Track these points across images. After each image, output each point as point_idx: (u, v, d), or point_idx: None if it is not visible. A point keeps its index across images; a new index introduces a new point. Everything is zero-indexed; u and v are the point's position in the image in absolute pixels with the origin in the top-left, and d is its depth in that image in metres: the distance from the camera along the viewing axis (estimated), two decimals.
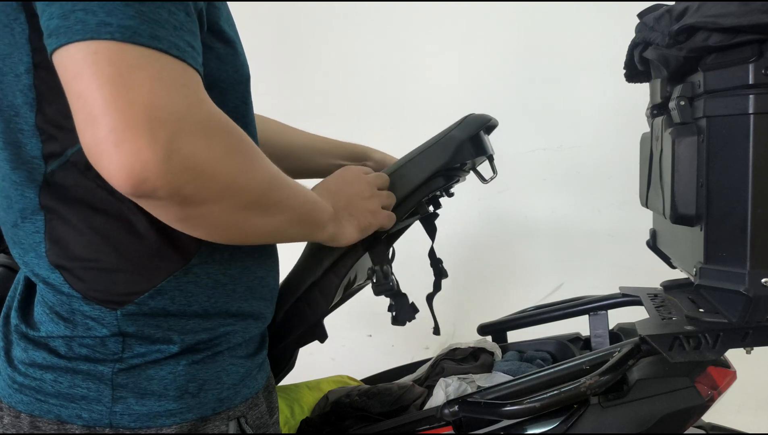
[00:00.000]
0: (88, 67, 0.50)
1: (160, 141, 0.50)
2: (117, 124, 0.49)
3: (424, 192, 0.89)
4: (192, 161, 0.53)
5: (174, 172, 0.52)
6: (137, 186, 0.51)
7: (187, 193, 0.54)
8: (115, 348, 0.66)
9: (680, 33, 0.79)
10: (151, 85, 0.51)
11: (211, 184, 0.55)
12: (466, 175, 1.00)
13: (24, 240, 0.67)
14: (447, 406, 0.90)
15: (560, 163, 2.02)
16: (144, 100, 0.50)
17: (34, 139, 0.64)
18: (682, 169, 0.80)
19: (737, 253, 0.76)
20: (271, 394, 0.80)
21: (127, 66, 0.51)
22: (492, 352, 1.20)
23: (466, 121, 0.92)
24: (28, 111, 0.63)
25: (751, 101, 0.74)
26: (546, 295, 1.99)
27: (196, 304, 0.69)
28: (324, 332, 0.97)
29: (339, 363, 2.21)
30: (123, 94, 0.50)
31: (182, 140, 0.52)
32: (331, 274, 0.86)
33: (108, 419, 0.66)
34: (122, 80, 0.50)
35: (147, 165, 0.50)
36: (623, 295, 1.16)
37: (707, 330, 0.83)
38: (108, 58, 0.50)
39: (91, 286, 0.65)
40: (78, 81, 0.51)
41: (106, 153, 0.50)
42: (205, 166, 0.54)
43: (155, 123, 0.50)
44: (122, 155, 0.50)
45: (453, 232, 2.08)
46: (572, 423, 0.85)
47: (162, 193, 0.53)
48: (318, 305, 0.87)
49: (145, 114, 0.50)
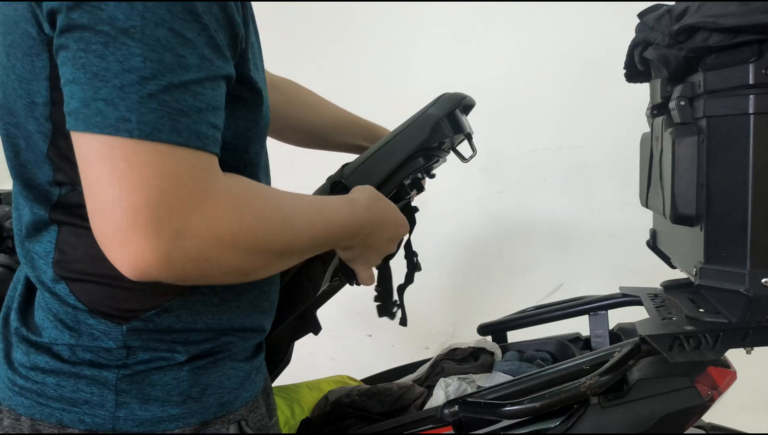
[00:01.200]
0: (102, 160, 0.52)
1: (164, 240, 0.52)
2: (122, 223, 0.52)
3: (405, 173, 0.89)
4: (196, 253, 0.55)
5: (177, 266, 0.54)
6: (142, 278, 0.54)
7: (193, 278, 0.57)
8: (119, 354, 0.66)
9: (680, 33, 0.79)
10: (161, 183, 0.52)
11: (218, 267, 0.57)
12: (446, 156, 1.00)
13: (34, 249, 0.67)
14: (447, 406, 0.90)
15: (560, 163, 2.02)
16: (151, 199, 0.52)
17: (45, 167, 0.64)
18: (682, 169, 0.80)
19: (737, 253, 0.76)
20: (269, 396, 0.80)
21: (140, 164, 0.52)
22: (492, 352, 1.20)
23: (441, 100, 0.93)
24: (41, 140, 0.63)
25: (751, 101, 0.74)
26: (546, 295, 1.99)
27: (201, 322, 0.69)
28: (317, 324, 0.97)
29: (339, 363, 2.21)
30: (131, 193, 0.51)
31: (186, 236, 0.53)
32: (317, 260, 0.86)
33: (111, 424, 0.66)
34: (132, 178, 0.51)
35: (150, 263, 0.53)
36: (623, 295, 1.16)
37: (707, 330, 0.83)
38: (123, 154, 0.51)
39: (98, 301, 0.65)
40: (91, 170, 0.52)
41: (111, 247, 0.53)
42: (210, 255, 0.56)
43: (159, 223, 0.52)
44: (127, 254, 0.52)
45: (453, 232, 2.08)
46: (572, 423, 0.85)
47: (168, 280, 0.55)
48: (305, 293, 0.87)
49: (149, 215, 0.52)
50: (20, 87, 0.62)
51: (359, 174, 0.87)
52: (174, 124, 0.53)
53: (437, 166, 0.99)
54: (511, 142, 2.01)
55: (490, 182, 2.05)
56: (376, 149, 0.89)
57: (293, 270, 0.87)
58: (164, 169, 0.52)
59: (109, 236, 0.53)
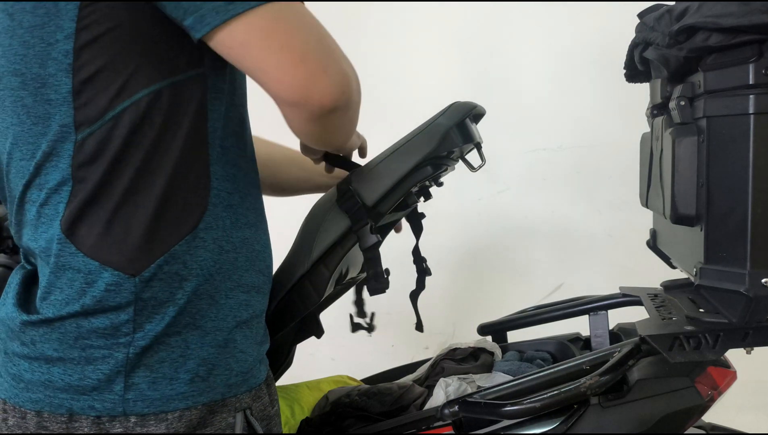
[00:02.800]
0: (283, 22, 0.65)
1: (339, 59, 0.69)
2: (319, 57, 0.66)
3: (413, 181, 0.88)
4: (348, 68, 0.70)
5: (350, 78, 0.69)
6: (341, 96, 0.67)
7: (357, 93, 0.71)
8: (126, 329, 0.67)
9: (680, 33, 0.79)
10: (316, 25, 0.68)
11: (357, 81, 0.72)
12: (454, 164, 1.00)
13: (44, 210, 0.69)
14: (447, 406, 0.90)
15: (560, 163, 2.01)
16: (321, 36, 0.68)
17: (65, 107, 0.66)
18: (682, 169, 0.80)
19: (737, 253, 0.76)
20: (270, 386, 0.82)
21: (300, 16, 0.67)
22: (492, 352, 1.20)
23: (451, 109, 0.92)
24: (64, 77, 0.66)
25: (751, 101, 0.74)
26: (546, 295, 1.98)
27: (204, 267, 0.71)
28: (320, 328, 0.98)
29: (339, 363, 2.21)
30: (311, 35, 0.67)
31: (341, 56, 0.70)
32: (321, 266, 0.86)
33: (121, 407, 0.67)
34: (305, 26, 0.67)
35: (344, 77, 0.68)
36: (623, 295, 1.16)
37: (707, 330, 0.83)
38: (290, 13, 0.66)
39: (109, 251, 0.67)
40: (277, 35, 0.65)
41: (319, 80, 0.65)
42: (351, 70, 0.71)
43: (330, 49, 0.68)
44: (331, 76, 0.66)
45: (453, 232, 2.08)
46: (572, 423, 0.85)
47: (349, 100, 0.69)
48: (309, 298, 0.87)
49: (327, 45, 0.68)
50: (31, 36, 0.66)
51: (367, 181, 0.87)
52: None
53: (445, 174, 0.99)
54: (511, 142, 2.01)
55: (490, 182, 2.04)
56: (385, 157, 0.89)
57: (298, 274, 0.87)
58: (310, 16, 0.69)
59: (315, 71, 0.65)
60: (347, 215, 0.86)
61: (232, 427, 0.72)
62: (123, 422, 0.67)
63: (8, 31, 0.67)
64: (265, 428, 0.76)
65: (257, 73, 0.66)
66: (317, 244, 0.86)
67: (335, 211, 0.87)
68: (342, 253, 0.87)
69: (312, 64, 0.65)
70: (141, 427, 0.67)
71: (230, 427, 0.72)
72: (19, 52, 0.67)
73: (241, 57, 0.66)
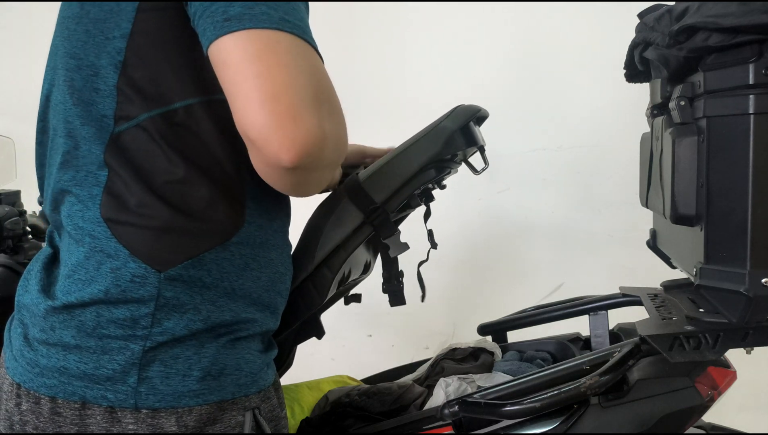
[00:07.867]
0: (271, 51, 0.61)
1: (323, 118, 0.62)
2: (294, 102, 0.60)
3: (416, 184, 0.89)
4: (336, 133, 0.65)
5: (329, 143, 0.63)
6: (303, 156, 0.61)
7: (328, 161, 0.66)
8: (145, 323, 0.68)
9: (680, 33, 0.79)
10: (315, 73, 0.64)
11: (338, 151, 0.67)
12: (458, 167, 1.00)
13: (80, 192, 0.71)
14: (447, 406, 0.90)
15: (560, 163, 2.01)
16: (313, 83, 0.62)
17: (109, 99, 0.70)
18: (682, 169, 0.80)
19: (737, 253, 0.76)
20: (278, 390, 0.83)
21: (300, 56, 0.62)
22: (492, 352, 1.20)
23: (455, 112, 0.93)
24: (112, 72, 0.70)
25: (751, 101, 0.74)
26: (546, 295, 1.99)
27: (227, 280, 0.73)
28: (321, 329, 0.98)
29: (339, 363, 2.21)
30: (299, 78, 0.61)
31: (329, 117, 0.64)
32: (324, 268, 0.87)
33: (133, 399, 0.68)
34: (297, 66, 0.61)
35: (316, 138, 0.61)
36: (623, 295, 1.16)
37: (707, 330, 0.83)
38: (287, 48, 0.62)
39: (141, 242, 0.68)
40: (259, 62, 0.60)
41: (282, 127, 0.59)
42: (340, 135, 0.67)
43: (317, 103, 0.62)
44: (298, 130, 0.60)
45: (453, 232, 2.08)
46: (572, 423, 0.85)
47: (313, 164, 0.63)
48: (312, 300, 0.87)
49: (314, 95, 0.62)
50: (94, 27, 0.71)
51: (371, 183, 0.88)
52: (309, 30, 0.66)
53: (448, 177, 0.99)
54: (511, 142, 2.01)
55: (490, 182, 2.04)
56: (389, 160, 0.89)
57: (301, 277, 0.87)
58: (314, 63, 0.64)
59: (282, 115, 0.59)
60: (359, 209, 0.87)
61: (242, 425, 0.73)
62: (134, 414, 0.68)
63: (76, 18, 0.72)
64: (273, 429, 0.77)
65: (228, 98, 0.62)
66: (322, 243, 0.86)
67: (346, 206, 0.88)
68: (345, 255, 0.87)
69: (283, 106, 0.59)
70: (152, 419, 0.68)
71: (239, 425, 0.73)
72: (82, 38, 0.71)
73: (221, 78, 0.62)
